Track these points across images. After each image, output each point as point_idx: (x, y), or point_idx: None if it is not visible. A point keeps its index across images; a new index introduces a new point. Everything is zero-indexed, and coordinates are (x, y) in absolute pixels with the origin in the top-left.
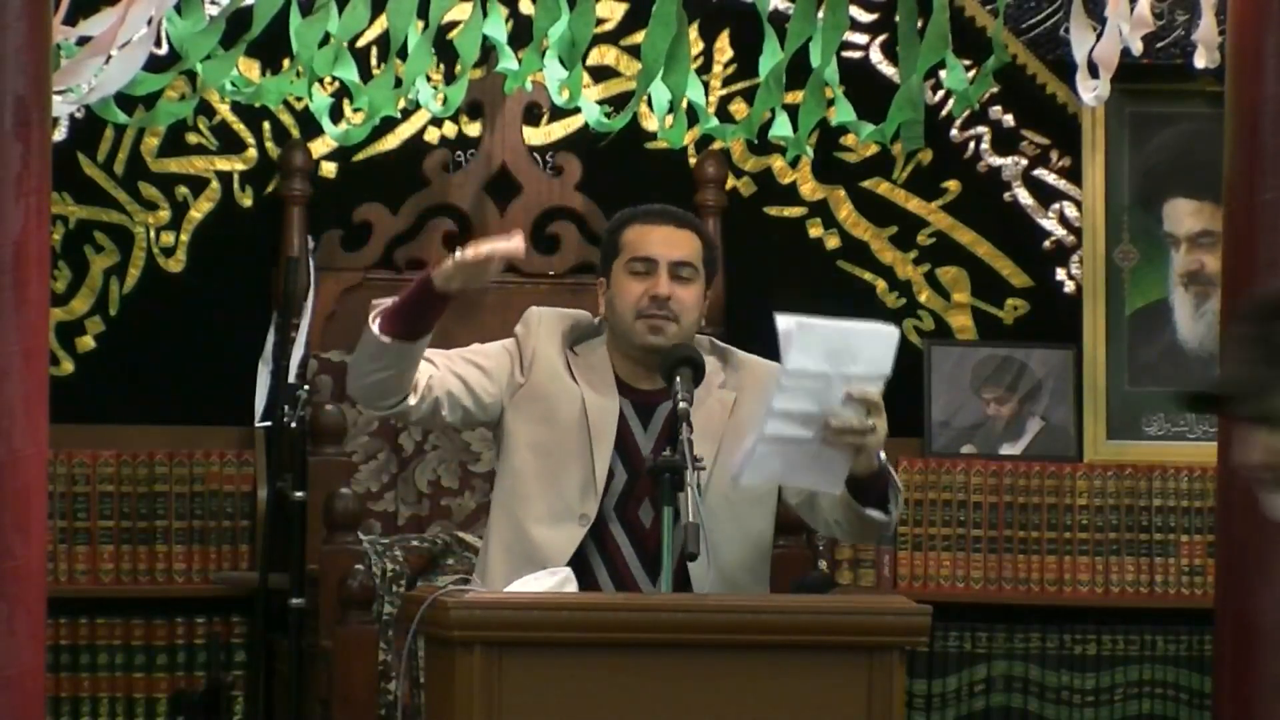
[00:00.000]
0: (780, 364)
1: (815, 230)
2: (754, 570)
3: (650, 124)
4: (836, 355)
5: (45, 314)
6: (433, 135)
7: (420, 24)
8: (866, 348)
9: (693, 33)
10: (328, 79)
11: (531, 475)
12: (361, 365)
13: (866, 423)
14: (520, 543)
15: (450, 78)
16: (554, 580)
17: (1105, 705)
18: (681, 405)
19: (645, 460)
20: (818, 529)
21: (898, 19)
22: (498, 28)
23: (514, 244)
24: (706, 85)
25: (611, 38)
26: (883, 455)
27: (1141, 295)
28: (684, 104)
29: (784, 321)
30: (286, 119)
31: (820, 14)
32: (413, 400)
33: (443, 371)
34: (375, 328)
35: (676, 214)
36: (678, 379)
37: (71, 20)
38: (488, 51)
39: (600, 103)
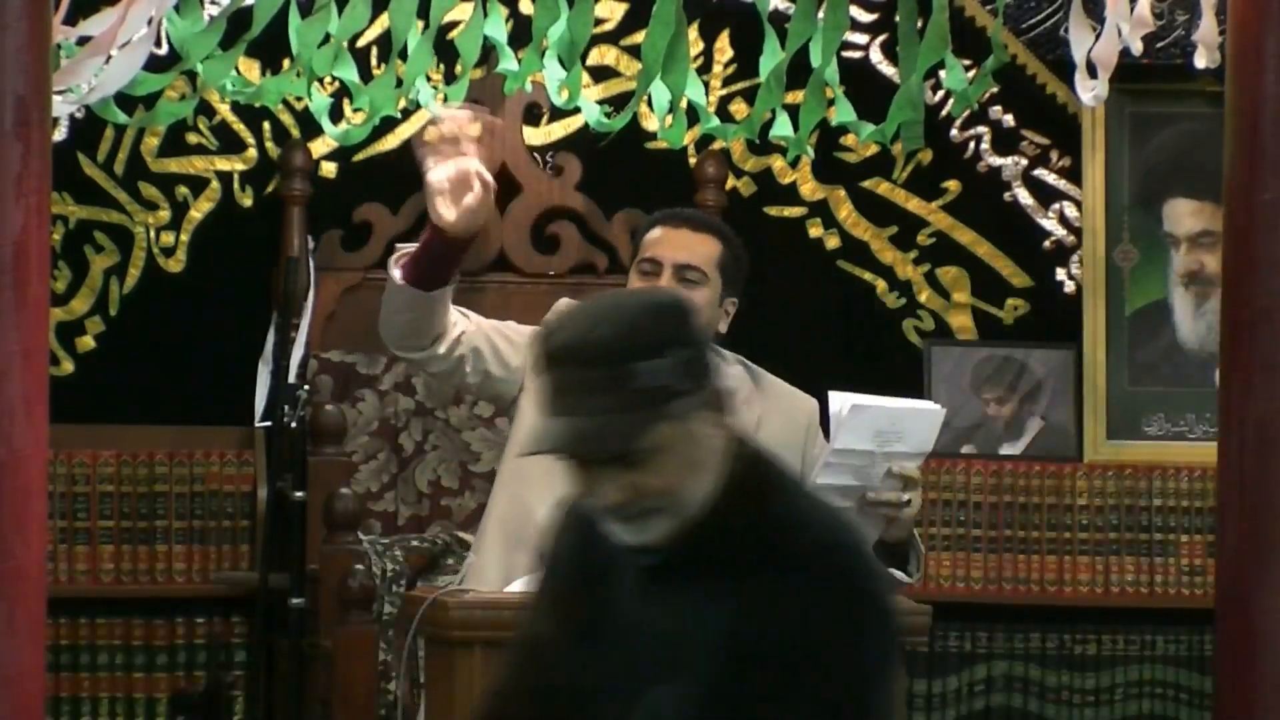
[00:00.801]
0: (828, 443)
1: (815, 230)
2: None
3: (650, 124)
4: (883, 435)
5: (45, 314)
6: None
7: (420, 24)
8: (913, 427)
9: (693, 33)
10: (328, 79)
11: (537, 480)
12: (386, 307)
13: (902, 498)
14: (519, 519)
15: (450, 78)
16: None
17: (1105, 705)
18: None
19: None
20: None
21: (898, 19)
22: (498, 28)
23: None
24: (706, 85)
25: (611, 38)
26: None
27: (1141, 295)
28: (684, 104)
29: (836, 402)
30: (286, 119)
31: (820, 14)
32: (440, 349)
33: (476, 330)
34: (397, 275)
35: (698, 219)
36: None
37: (71, 20)
38: (488, 51)
39: (600, 103)
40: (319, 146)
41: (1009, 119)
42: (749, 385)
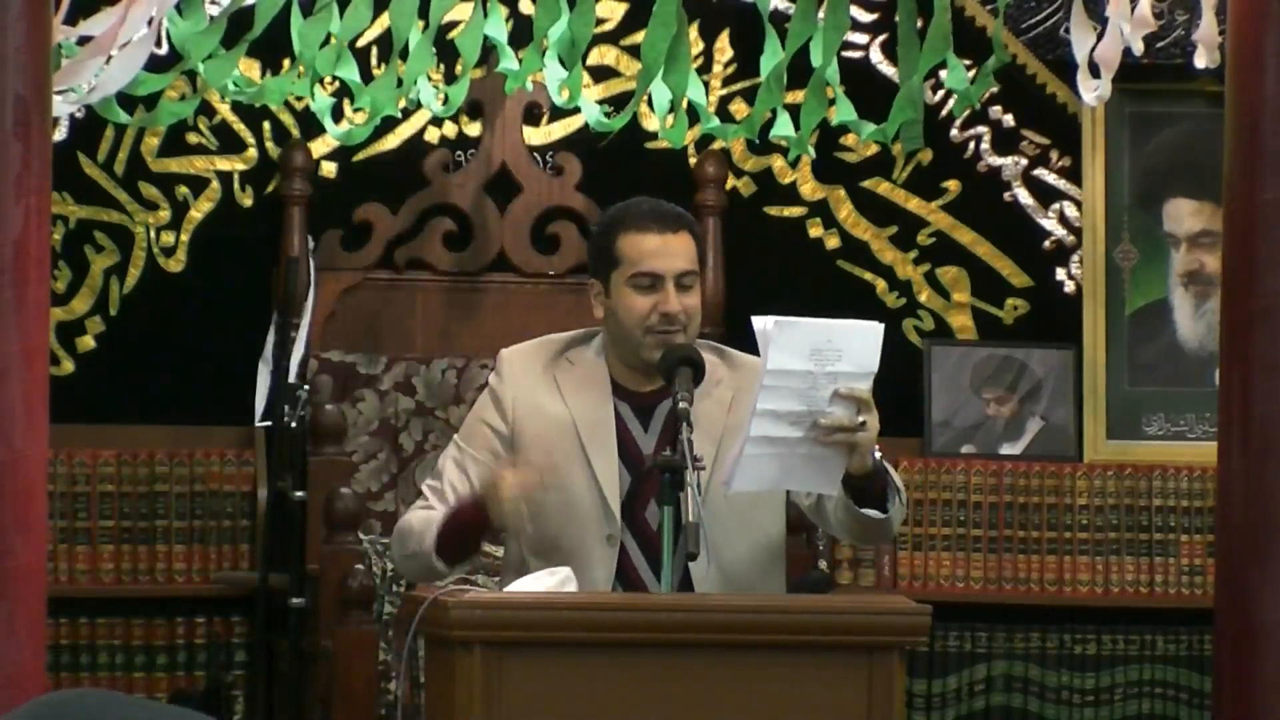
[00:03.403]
0: (762, 364)
1: (815, 230)
2: (764, 568)
3: (650, 124)
4: (820, 354)
5: (45, 314)
6: (433, 135)
7: (421, 24)
8: (851, 345)
9: (693, 33)
10: (329, 79)
11: (553, 517)
12: (416, 570)
13: (856, 420)
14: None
15: (451, 78)
16: (554, 580)
17: (1105, 705)
18: (681, 405)
19: (646, 460)
20: (828, 531)
21: (898, 19)
22: (498, 28)
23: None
24: (707, 85)
25: (611, 38)
26: (878, 454)
27: (1141, 295)
28: (684, 104)
29: (760, 321)
30: (286, 119)
31: (821, 14)
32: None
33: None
34: (438, 561)
35: (668, 215)
36: (678, 379)
37: (71, 20)
38: (488, 51)
39: (600, 103)
40: (319, 146)
41: (1009, 119)
42: (722, 367)
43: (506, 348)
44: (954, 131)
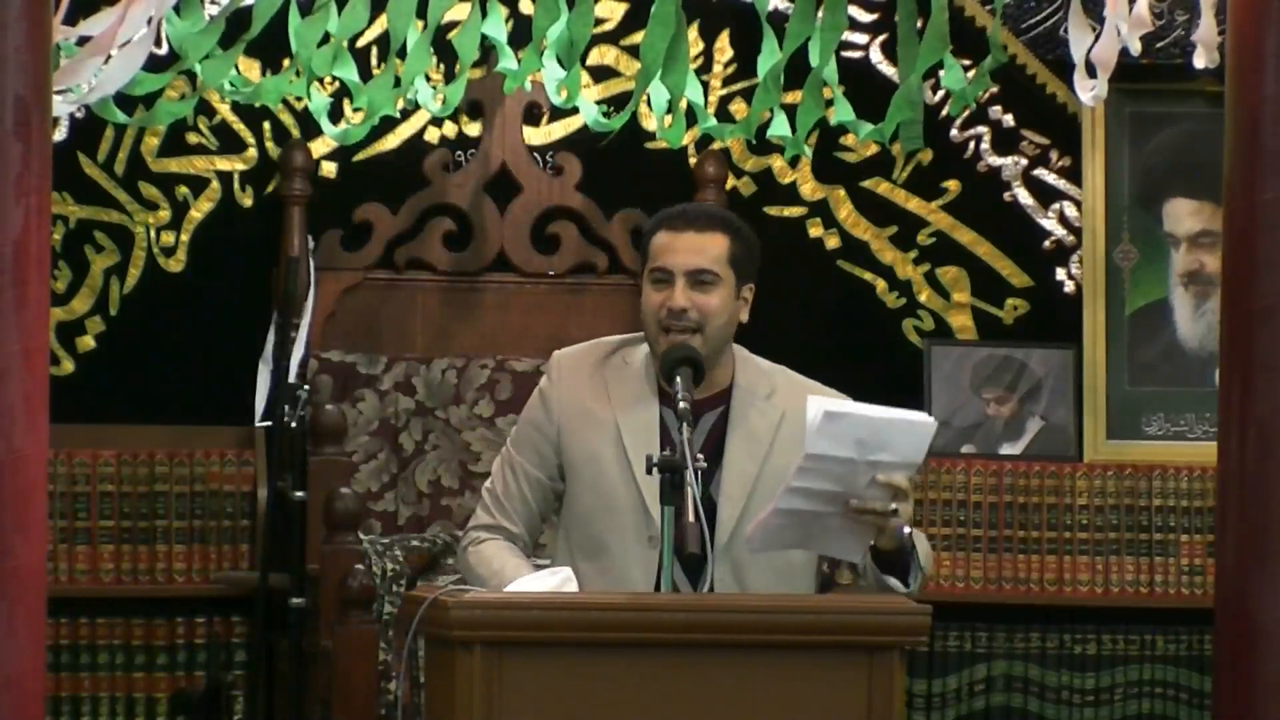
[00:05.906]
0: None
1: (815, 230)
2: (787, 589)
3: (650, 124)
4: (864, 444)
5: (45, 314)
6: (433, 135)
7: (419, 24)
8: (899, 437)
9: (692, 33)
10: (327, 79)
11: (597, 519)
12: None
13: (889, 507)
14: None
15: (450, 77)
16: (554, 580)
17: (1105, 705)
18: (682, 405)
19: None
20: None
21: (897, 19)
22: (497, 27)
23: None
24: (706, 85)
25: (611, 38)
26: (907, 531)
27: (1141, 295)
28: (683, 104)
29: (813, 408)
30: (286, 119)
31: (819, 14)
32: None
33: (522, 506)
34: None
35: (703, 216)
36: (678, 379)
37: (71, 20)
38: (487, 51)
39: (600, 103)
40: (319, 146)
41: (1009, 119)
42: (779, 376)
43: (559, 350)
44: (954, 131)
